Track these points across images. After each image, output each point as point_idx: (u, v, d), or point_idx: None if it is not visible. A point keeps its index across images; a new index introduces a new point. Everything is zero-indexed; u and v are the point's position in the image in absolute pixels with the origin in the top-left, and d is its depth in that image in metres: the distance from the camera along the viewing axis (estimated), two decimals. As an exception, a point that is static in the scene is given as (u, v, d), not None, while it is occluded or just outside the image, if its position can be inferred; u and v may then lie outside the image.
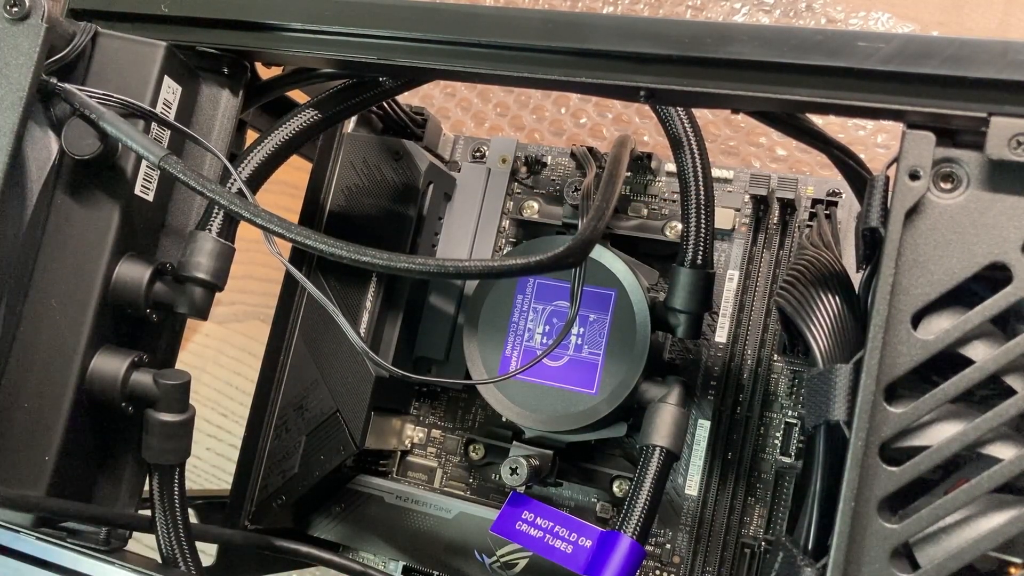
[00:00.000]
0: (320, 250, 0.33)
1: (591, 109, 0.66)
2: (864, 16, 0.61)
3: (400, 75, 0.39)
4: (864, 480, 0.27)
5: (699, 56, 0.31)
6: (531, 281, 0.47)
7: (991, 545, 0.26)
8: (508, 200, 0.52)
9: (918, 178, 0.28)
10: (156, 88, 0.36)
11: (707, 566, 0.45)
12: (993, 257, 0.27)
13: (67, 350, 0.35)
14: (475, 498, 0.50)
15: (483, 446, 0.50)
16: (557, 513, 0.43)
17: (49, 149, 0.34)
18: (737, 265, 0.47)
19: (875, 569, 0.27)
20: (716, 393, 0.47)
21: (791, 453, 0.45)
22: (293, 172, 0.50)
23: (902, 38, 0.29)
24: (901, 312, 0.28)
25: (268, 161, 0.38)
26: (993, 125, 0.27)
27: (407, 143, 0.49)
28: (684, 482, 0.46)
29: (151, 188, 0.37)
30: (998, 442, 0.27)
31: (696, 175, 0.41)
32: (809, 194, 0.47)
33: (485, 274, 0.34)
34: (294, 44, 0.36)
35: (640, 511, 0.39)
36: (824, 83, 0.30)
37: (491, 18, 0.34)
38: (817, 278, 0.33)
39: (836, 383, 0.29)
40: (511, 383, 0.46)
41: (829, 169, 0.46)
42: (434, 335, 0.50)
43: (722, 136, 0.62)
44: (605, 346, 0.45)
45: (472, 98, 0.69)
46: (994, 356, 0.27)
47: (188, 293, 0.36)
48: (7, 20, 0.33)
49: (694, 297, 0.42)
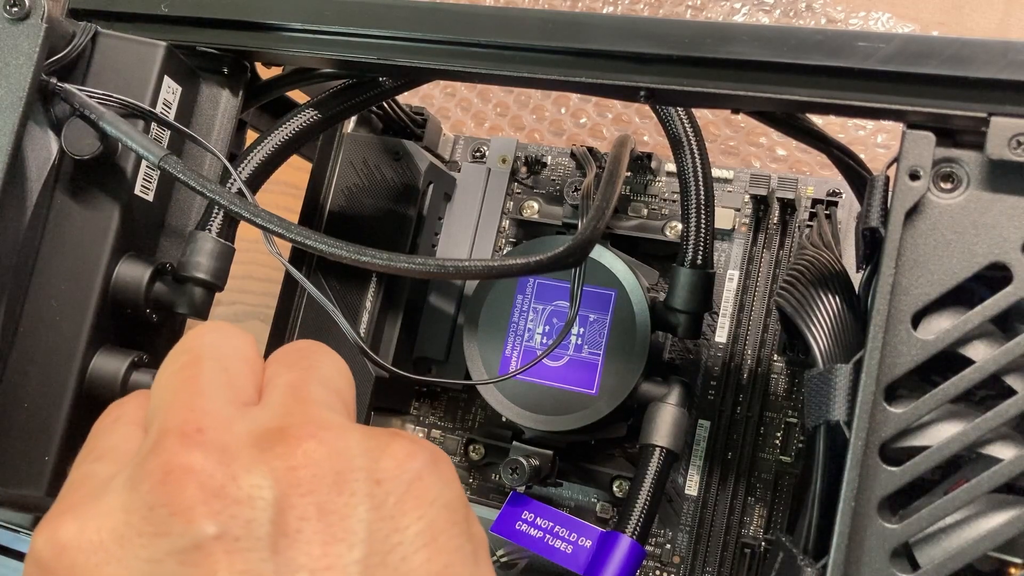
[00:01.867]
0: (320, 250, 0.33)
1: (591, 109, 0.66)
2: (864, 16, 0.61)
3: (400, 75, 0.39)
4: (864, 480, 0.27)
5: (699, 56, 0.31)
6: (531, 281, 0.47)
7: (991, 545, 0.26)
8: (508, 200, 0.52)
9: (918, 178, 0.28)
10: (156, 88, 0.36)
11: (707, 566, 0.45)
12: (993, 257, 0.27)
13: (67, 350, 0.35)
14: (475, 498, 0.50)
15: (483, 446, 0.50)
16: (557, 513, 0.43)
17: (49, 149, 0.34)
18: (737, 265, 0.47)
19: (875, 569, 0.27)
20: (716, 393, 0.47)
21: (791, 453, 0.45)
22: (293, 172, 0.50)
23: (902, 38, 0.29)
24: (901, 312, 0.28)
25: (268, 161, 0.38)
26: (993, 125, 0.27)
27: (407, 143, 0.49)
28: (684, 482, 0.46)
29: (151, 188, 0.37)
30: (998, 442, 0.27)
31: (696, 175, 0.41)
32: (809, 194, 0.47)
33: (485, 274, 0.34)
34: (294, 44, 0.36)
35: (640, 511, 0.39)
36: (824, 83, 0.30)
37: (491, 18, 0.34)
38: (817, 278, 0.33)
39: (836, 383, 0.29)
40: (511, 383, 0.46)
41: (829, 169, 0.46)
42: (434, 335, 0.50)
43: (722, 136, 0.62)
44: (605, 346, 0.45)
45: (472, 98, 0.69)
46: (994, 356, 0.27)
47: (188, 293, 0.36)
48: (7, 20, 0.33)
49: (694, 297, 0.42)
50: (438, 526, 0.22)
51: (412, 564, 0.22)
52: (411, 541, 0.22)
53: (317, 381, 0.25)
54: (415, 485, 0.23)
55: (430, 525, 0.22)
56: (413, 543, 0.22)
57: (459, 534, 0.23)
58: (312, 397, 0.24)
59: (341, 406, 0.25)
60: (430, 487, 0.23)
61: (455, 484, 0.24)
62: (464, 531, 0.23)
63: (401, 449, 0.23)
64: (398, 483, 0.23)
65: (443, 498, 0.23)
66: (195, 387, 0.24)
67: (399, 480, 0.23)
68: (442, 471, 0.24)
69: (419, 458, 0.23)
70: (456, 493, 0.24)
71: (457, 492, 0.24)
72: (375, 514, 0.22)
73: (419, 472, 0.23)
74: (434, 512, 0.23)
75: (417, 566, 0.22)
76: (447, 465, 0.24)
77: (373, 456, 0.23)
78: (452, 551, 0.22)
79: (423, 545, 0.22)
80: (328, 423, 0.23)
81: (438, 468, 0.23)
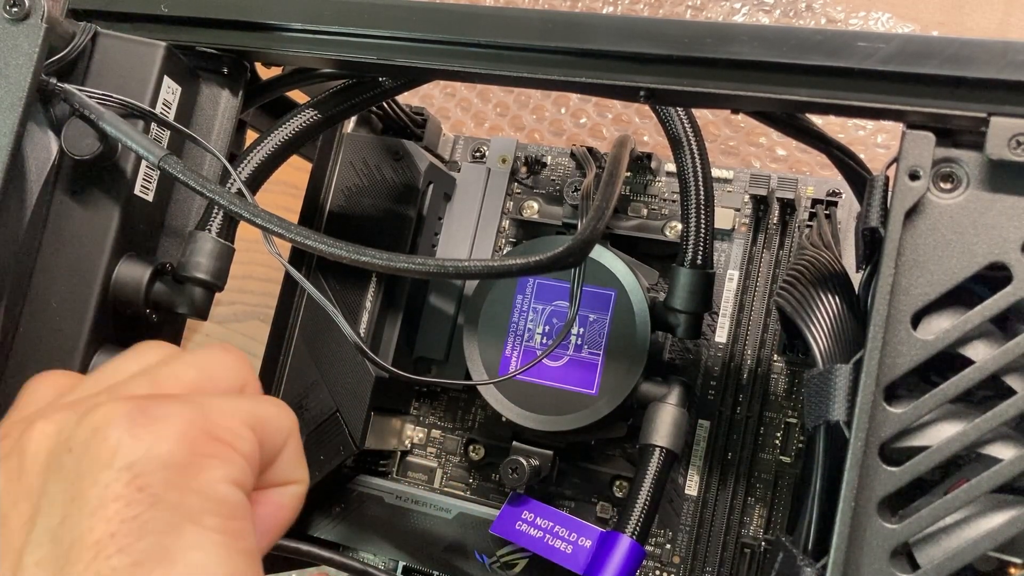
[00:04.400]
0: (320, 250, 0.33)
1: (591, 109, 0.66)
2: (864, 16, 0.61)
3: (400, 75, 0.39)
4: (864, 480, 0.27)
5: (699, 56, 0.31)
6: (531, 281, 0.47)
7: (991, 545, 0.26)
8: (508, 200, 0.52)
9: (918, 178, 0.28)
10: (156, 88, 0.36)
11: (707, 566, 0.45)
12: (993, 257, 0.27)
13: (67, 350, 0.35)
14: (475, 498, 0.50)
15: (483, 446, 0.50)
16: (557, 513, 0.44)
17: (49, 149, 0.34)
18: (737, 265, 0.47)
19: (875, 569, 0.27)
20: (716, 393, 0.47)
21: (791, 453, 0.45)
22: (293, 172, 0.50)
23: (902, 38, 0.29)
24: (901, 312, 0.28)
25: (268, 161, 0.38)
26: (993, 125, 0.27)
27: (407, 143, 0.49)
28: (684, 482, 0.46)
29: (151, 188, 0.37)
30: (998, 442, 0.27)
31: (696, 175, 0.41)
32: (809, 194, 0.47)
33: (485, 274, 0.34)
34: (294, 44, 0.36)
35: (640, 511, 0.39)
36: (824, 83, 0.30)
37: (491, 18, 0.34)
38: (817, 278, 0.33)
39: (836, 383, 0.29)
40: (511, 383, 0.46)
41: (829, 169, 0.46)
42: (434, 335, 0.50)
43: (722, 136, 0.62)
44: (605, 346, 0.45)
45: (472, 98, 0.69)
46: (994, 356, 0.27)
47: (188, 293, 0.36)
48: (7, 20, 0.33)
49: (694, 297, 0.42)
50: (112, 492, 0.20)
51: (73, 536, 0.20)
52: (79, 509, 0.20)
53: (110, 366, 0.25)
54: (102, 449, 0.21)
55: (102, 491, 0.20)
56: (80, 511, 0.20)
57: (143, 502, 0.20)
58: (123, 379, 0.24)
59: (149, 386, 0.24)
60: (116, 449, 0.21)
61: (167, 447, 0.21)
62: (158, 499, 0.20)
63: (103, 412, 0.21)
64: (84, 448, 0.21)
65: (129, 460, 0.21)
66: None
67: (87, 444, 0.21)
68: (145, 432, 0.21)
69: (118, 419, 0.21)
70: (158, 457, 0.21)
71: (162, 456, 0.21)
72: (60, 486, 0.20)
73: (109, 434, 0.21)
74: (110, 476, 0.20)
75: (78, 537, 0.20)
76: (169, 426, 0.21)
77: (75, 424, 0.21)
78: (123, 521, 0.20)
79: (88, 513, 0.20)
80: (61, 403, 0.23)
81: (141, 428, 0.21)
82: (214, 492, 0.22)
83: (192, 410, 0.22)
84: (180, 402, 0.22)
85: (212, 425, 0.22)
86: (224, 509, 0.22)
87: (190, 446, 0.21)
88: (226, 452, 0.22)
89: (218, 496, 0.22)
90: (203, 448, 0.22)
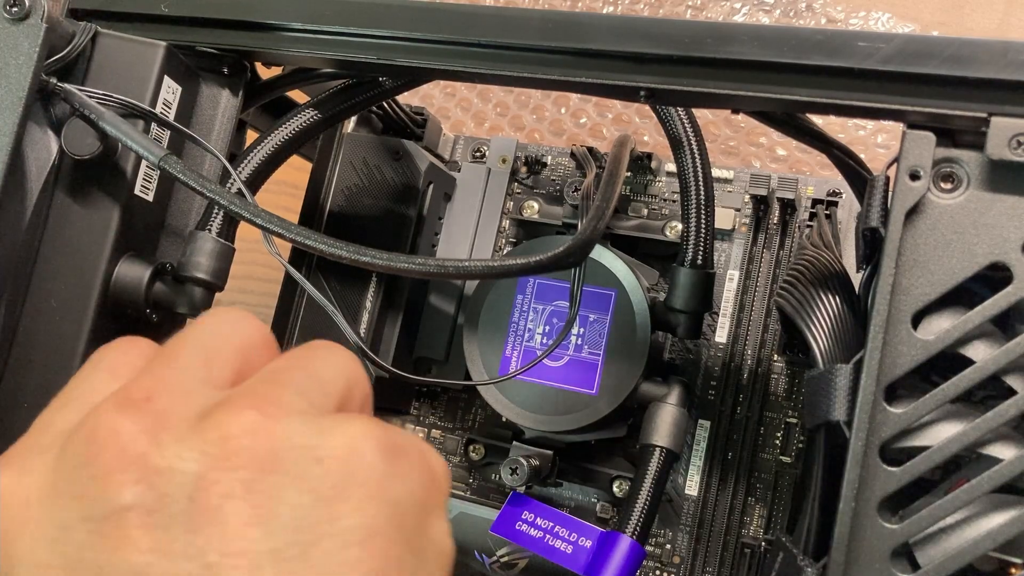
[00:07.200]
0: (320, 250, 0.33)
1: (591, 109, 0.66)
2: (864, 16, 0.61)
3: (400, 75, 0.39)
4: (864, 480, 0.27)
5: (699, 56, 0.31)
6: (531, 281, 0.47)
7: (991, 545, 0.26)
8: (508, 200, 0.52)
9: (918, 178, 0.28)
10: (156, 88, 0.36)
11: (707, 566, 0.45)
12: (993, 257, 0.27)
13: (67, 350, 0.35)
14: (475, 498, 0.50)
15: (483, 446, 0.50)
16: (557, 513, 0.43)
17: (49, 149, 0.34)
18: (737, 265, 0.47)
19: (875, 569, 0.27)
20: (716, 393, 0.47)
21: (791, 453, 0.45)
22: (293, 172, 0.50)
23: (902, 38, 0.29)
24: (901, 312, 0.28)
25: (268, 161, 0.38)
26: (993, 125, 0.27)
27: (407, 143, 0.49)
28: (684, 482, 0.46)
29: (151, 188, 0.37)
30: (998, 442, 0.27)
31: (696, 175, 0.41)
32: (809, 194, 0.47)
33: (485, 274, 0.34)
34: (294, 44, 0.36)
35: (640, 511, 0.39)
36: (824, 83, 0.30)
37: (491, 18, 0.34)
38: (817, 278, 0.33)
39: (836, 383, 0.29)
40: (511, 383, 0.46)
41: (829, 169, 0.46)
42: (434, 335, 0.50)
43: (722, 136, 0.62)
44: (605, 346, 0.45)
45: (472, 98, 0.69)
46: (994, 356, 0.27)
47: (188, 293, 0.36)
48: (7, 20, 0.33)
49: (694, 297, 0.42)
50: (378, 525, 0.19)
51: (334, 562, 0.18)
52: (341, 534, 0.19)
53: (304, 371, 0.22)
54: (361, 472, 0.19)
55: (369, 521, 0.19)
56: (342, 537, 0.19)
57: (401, 541, 0.19)
58: (286, 381, 0.21)
59: (322, 398, 0.22)
60: (380, 477, 0.19)
61: (417, 484, 0.20)
62: (409, 540, 0.20)
63: (358, 429, 0.20)
64: (341, 465, 0.19)
65: (393, 494, 0.20)
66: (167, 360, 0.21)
67: (343, 462, 0.19)
68: (401, 464, 0.20)
69: (376, 442, 0.20)
70: (413, 494, 0.20)
71: (415, 494, 0.20)
72: (306, 497, 0.19)
73: (370, 458, 0.19)
74: (376, 507, 0.19)
75: (339, 565, 0.18)
76: (415, 461, 0.20)
77: (321, 432, 0.20)
78: (387, 558, 0.19)
79: (355, 543, 0.19)
80: (279, 400, 0.20)
81: (397, 459, 0.20)
82: (444, 545, 0.21)
83: (423, 445, 0.21)
84: (408, 435, 0.21)
85: (438, 463, 0.21)
86: (447, 563, 0.21)
87: (426, 489, 0.21)
88: (445, 500, 0.21)
89: (447, 550, 0.21)
90: (434, 491, 0.21)
